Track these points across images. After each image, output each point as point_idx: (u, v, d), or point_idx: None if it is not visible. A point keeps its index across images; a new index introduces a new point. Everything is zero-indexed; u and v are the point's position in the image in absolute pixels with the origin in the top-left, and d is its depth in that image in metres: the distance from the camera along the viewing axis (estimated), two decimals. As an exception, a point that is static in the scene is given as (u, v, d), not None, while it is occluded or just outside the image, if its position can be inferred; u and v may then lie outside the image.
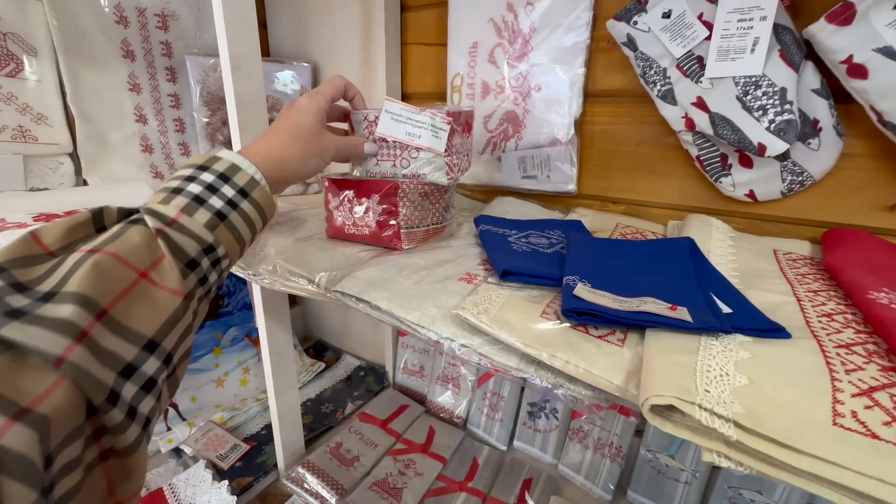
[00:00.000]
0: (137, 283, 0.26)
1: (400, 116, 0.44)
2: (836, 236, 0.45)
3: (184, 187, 0.32)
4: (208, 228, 0.31)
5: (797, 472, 0.22)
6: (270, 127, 0.41)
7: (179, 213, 0.30)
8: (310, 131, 0.41)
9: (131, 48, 0.69)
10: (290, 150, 0.39)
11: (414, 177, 0.45)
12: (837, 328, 0.30)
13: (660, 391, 0.24)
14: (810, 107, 0.45)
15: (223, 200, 0.33)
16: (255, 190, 0.35)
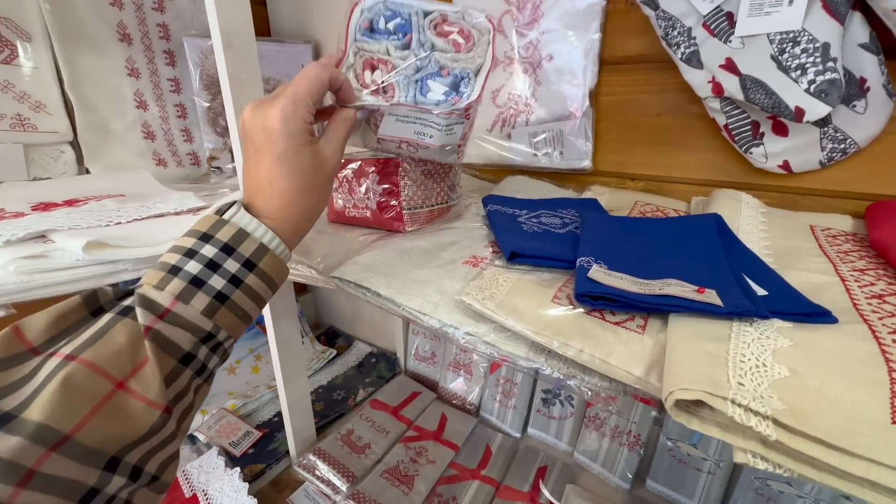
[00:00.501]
0: (112, 396, 0.24)
1: (407, 118, 0.37)
2: (884, 209, 0.41)
3: (182, 266, 0.28)
4: (207, 315, 0.28)
5: (849, 478, 0.19)
6: (257, 170, 0.33)
7: (174, 300, 0.27)
8: (312, 163, 0.33)
9: (127, 31, 0.68)
10: (306, 201, 0.33)
11: (423, 161, 0.42)
12: (891, 311, 0.27)
13: (686, 384, 0.22)
14: (857, 64, 0.40)
15: (225, 278, 0.29)
16: (265, 259, 0.31)
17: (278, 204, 0.32)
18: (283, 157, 0.32)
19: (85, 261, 0.40)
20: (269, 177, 0.32)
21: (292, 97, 0.31)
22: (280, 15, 0.84)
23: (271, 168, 0.32)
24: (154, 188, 0.59)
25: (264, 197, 0.32)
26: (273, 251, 0.31)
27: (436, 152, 0.39)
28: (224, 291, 0.29)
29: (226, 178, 0.75)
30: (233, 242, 0.30)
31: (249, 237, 0.30)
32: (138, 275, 0.45)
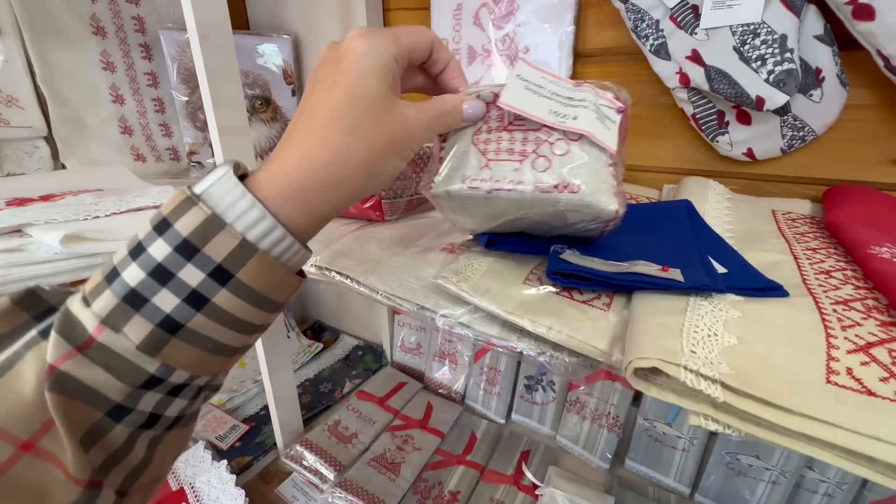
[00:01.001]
0: (13, 464, 0.17)
1: (542, 89, 0.26)
2: (838, 193, 0.43)
3: (123, 269, 0.20)
4: (147, 352, 0.19)
5: (788, 434, 0.21)
6: (301, 109, 0.24)
7: (100, 326, 0.19)
8: (378, 106, 0.23)
9: (101, 24, 0.67)
10: (346, 152, 0.22)
11: (558, 189, 0.26)
12: (836, 285, 0.29)
13: (643, 353, 0.23)
14: (812, 55, 0.42)
15: (179, 296, 0.20)
16: (249, 264, 0.20)
17: (301, 143, 0.22)
18: (342, 69, 0.23)
19: (63, 254, 0.40)
20: (309, 101, 0.23)
21: (388, 31, 0.24)
22: (258, 8, 0.84)
23: (316, 85, 0.23)
24: (132, 183, 0.59)
25: (291, 137, 0.23)
26: (264, 251, 0.21)
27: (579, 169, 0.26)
28: (175, 317, 0.20)
29: (206, 173, 0.75)
30: (197, 238, 0.20)
31: (224, 229, 0.20)
32: (118, 268, 0.45)
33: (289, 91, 0.80)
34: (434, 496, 0.62)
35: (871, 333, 0.23)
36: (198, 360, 0.21)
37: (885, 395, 0.20)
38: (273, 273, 0.21)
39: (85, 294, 0.20)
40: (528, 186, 0.26)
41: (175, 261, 0.20)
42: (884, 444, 0.19)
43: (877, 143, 0.43)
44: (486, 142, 0.28)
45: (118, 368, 0.19)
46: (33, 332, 0.20)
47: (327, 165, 0.22)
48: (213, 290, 0.20)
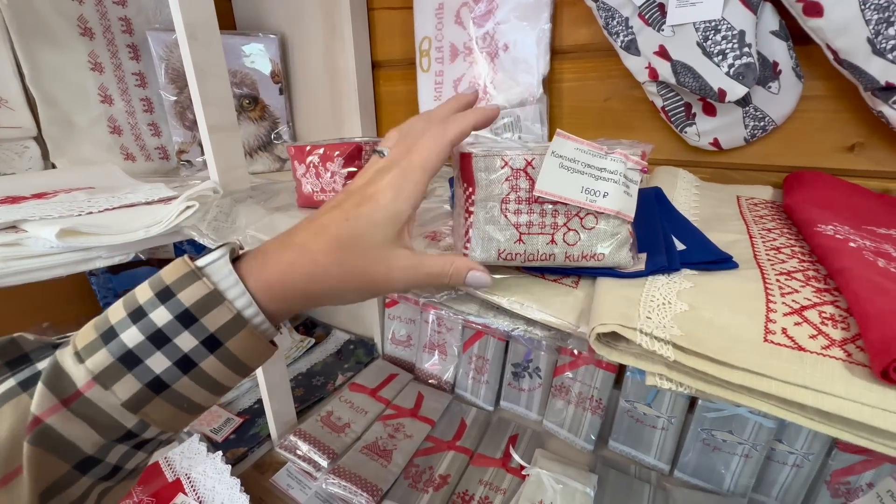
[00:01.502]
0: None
1: (574, 163, 0.27)
2: (796, 179, 0.46)
3: (120, 331, 0.21)
4: (130, 408, 0.21)
5: (731, 387, 0.23)
6: (318, 214, 0.26)
7: (90, 382, 0.21)
8: (372, 253, 0.26)
9: (89, 25, 0.67)
10: (325, 276, 0.25)
11: (584, 258, 0.29)
12: (783, 259, 0.31)
13: (604, 320, 0.25)
14: (769, 49, 0.45)
15: (171, 359, 0.22)
16: (238, 336, 0.23)
17: (292, 256, 0.25)
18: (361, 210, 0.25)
19: (59, 248, 0.41)
20: (321, 224, 0.25)
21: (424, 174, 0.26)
22: (244, 8, 0.85)
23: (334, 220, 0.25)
24: (123, 181, 0.60)
25: (282, 245, 0.25)
26: (251, 325, 0.24)
27: (603, 236, 0.28)
28: (164, 378, 0.22)
29: (196, 172, 0.76)
30: (197, 308, 0.22)
31: (223, 305, 0.23)
32: (111, 262, 0.47)
33: (276, 90, 0.81)
34: (425, 480, 0.64)
35: (805, 298, 0.26)
36: (172, 417, 0.23)
37: (813, 350, 0.23)
38: (256, 344, 0.24)
39: (77, 349, 0.22)
40: (558, 258, 0.29)
41: (174, 328, 0.22)
42: (811, 392, 0.21)
43: (832, 131, 0.46)
44: (517, 213, 0.28)
45: (99, 423, 0.21)
46: (12, 383, 0.21)
47: (306, 281, 0.25)
48: (201, 356, 0.23)
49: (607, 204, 0.27)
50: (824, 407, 0.21)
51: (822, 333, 0.23)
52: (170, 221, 0.47)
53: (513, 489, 0.62)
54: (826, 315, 0.24)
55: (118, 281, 0.78)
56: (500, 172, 0.28)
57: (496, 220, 0.28)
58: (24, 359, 0.23)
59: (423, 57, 0.68)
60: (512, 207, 0.28)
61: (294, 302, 0.25)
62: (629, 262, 0.29)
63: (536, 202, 0.28)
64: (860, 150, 0.45)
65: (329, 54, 0.76)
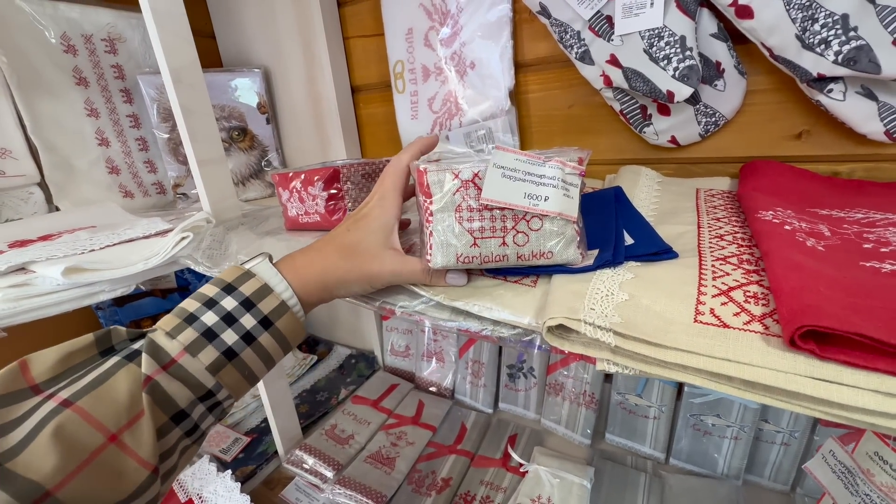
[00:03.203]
0: (103, 450, 0.24)
1: (515, 172, 0.30)
2: (750, 168, 0.48)
3: (200, 315, 0.29)
4: (211, 371, 0.28)
5: (667, 366, 0.26)
6: (333, 233, 0.36)
7: (182, 351, 0.28)
8: (368, 254, 0.34)
9: (83, 75, 0.72)
10: (333, 270, 0.34)
11: (535, 257, 0.32)
12: (723, 245, 0.34)
13: (552, 314, 0.28)
14: (711, 50, 0.48)
15: (238, 334, 0.29)
16: (283, 318, 0.31)
17: (314, 255, 0.34)
18: (358, 226, 0.35)
19: (65, 285, 0.45)
20: (329, 236, 0.35)
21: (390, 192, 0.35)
22: (228, 45, 0.89)
23: (338, 233, 0.35)
24: (122, 218, 0.64)
25: (313, 248, 0.35)
26: (291, 310, 0.31)
27: (550, 235, 0.31)
28: (234, 348, 0.29)
29: (192, 203, 0.80)
30: (254, 297, 0.30)
31: (272, 294, 0.31)
32: (115, 294, 0.50)
33: (263, 120, 0.85)
34: (428, 484, 0.66)
35: (734, 280, 0.28)
36: (237, 382, 0.30)
37: (736, 326, 0.25)
38: (294, 324, 0.32)
39: (167, 331, 0.28)
40: (511, 258, 0.33)
41: (238, 310, 0.30)
42: (733, 364, 0.24)
43: (780, 121, 0.49)
44: (470, 220, 0.31)
45: (190, 382, 0.28)
46: (118, 357, 0.27)
47: (322, 273, 0.34)
48: (259, 332, 0.30)
49: (548, 206, 0.30)
50: (745, 376, 0.23)
51: (745, 311, 0.26)
52: (166, 253, 0.50)
53: (513, 487, 0.64)
54: (750, 294, 0.27)
55: (123, 313, 0.82)
56: (451, 185, 0.31)
57: (452, 228, 0.31)
58: (121, 343, 0.29)
59: (397, 79, 0.72)
60: (465, 215, 0.31)
61: (316, 290, 0.34)
62: (577, 257, 0.32)
63: (486, 209, 0.31)
64: (807, 137, 0.48)
65: (311, 83, 0.80)
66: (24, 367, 0.25)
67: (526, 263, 0.33)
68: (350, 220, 0.36)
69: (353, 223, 0.35)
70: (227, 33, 0.89)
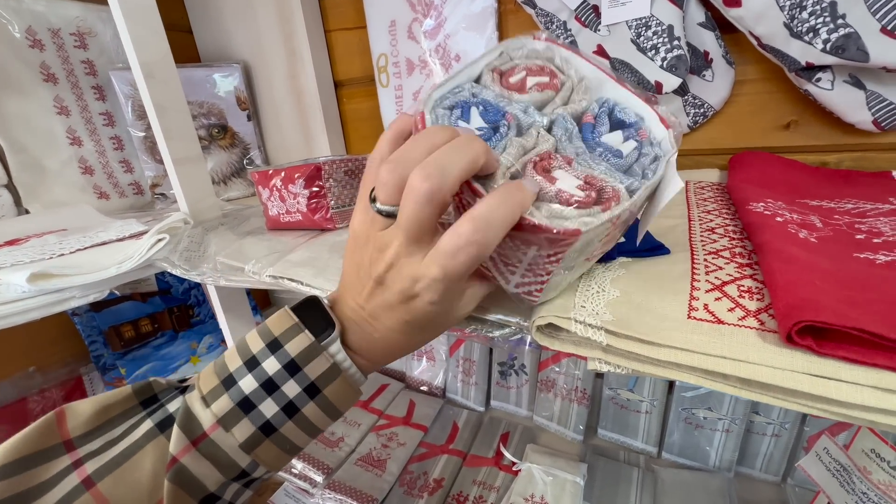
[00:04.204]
0: None
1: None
2: (739, 160, 0.48)
3: (238, 378, 0.25)
4: (245, 449, 0.24)
5: (661, 364, 0.25)
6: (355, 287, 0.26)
7: (215, 425, 0.24)
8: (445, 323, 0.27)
9: (52, 71, 0.69)
10: (409, 345, 0.27)
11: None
12: (715, 239, 0.33)
13: (542, 313, 0.27)
14: (699, 40, 0.47)
15: (279, 405, 0.24)
16: (334, 383, 0.26)
17: (381, 336, 0.26)
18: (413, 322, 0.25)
19: (31, 292, 0.42)
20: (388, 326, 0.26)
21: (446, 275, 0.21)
22: (206, 40, 0.86)
23: (395, 321, 0.25)
24: (95, 220, 0.61)
25: (361, 320, 0.26)
26: (345, 373, 0.26)
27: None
28: (273, 422, 0.25)
29: (171, 204, 0.77)
30: (301, 359, 0.25)
31: (322, 355, 0.25)
32: (87, 300, 0.48)
33: (244, 116, 0.83)
34: (420, 486, 0.65)
35: (728, 275, 0.28)
36: (276, 458, 0.26)
37: (731, 322, 0.24)
38: (346, 390, 0.27)
39: (203, 395, 0.25)
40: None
41: (282, 376, 0.25)
42: (729, 361, 0.23)
43: (768, 112, 0.49)
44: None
45: (221, 462, 0.24)
46: (150, 424, 0.25)
47: (389, 349, 0.27)
48: (303, 402, 0.25)
49: None
50: (742, 374, 0.23)
51: (739, 306, 0.25)
52: (141, 256, 0.48)
53: (506, 486, 0.63)
54: (744, 288, 0.26)
55: (102, 318, 0.79)
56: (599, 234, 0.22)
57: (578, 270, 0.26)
58: (155, 399, 0.26)
59: (381, 73, 0.70)
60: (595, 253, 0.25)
61: (380, 360, 0.28)
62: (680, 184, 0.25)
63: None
64: (795, 128, 0.48)
65: (292, 78, 0.78)
66: (61, 419, 0.24)
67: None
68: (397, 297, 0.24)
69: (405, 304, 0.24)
70: (205, 27, 0.86)
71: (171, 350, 0.83)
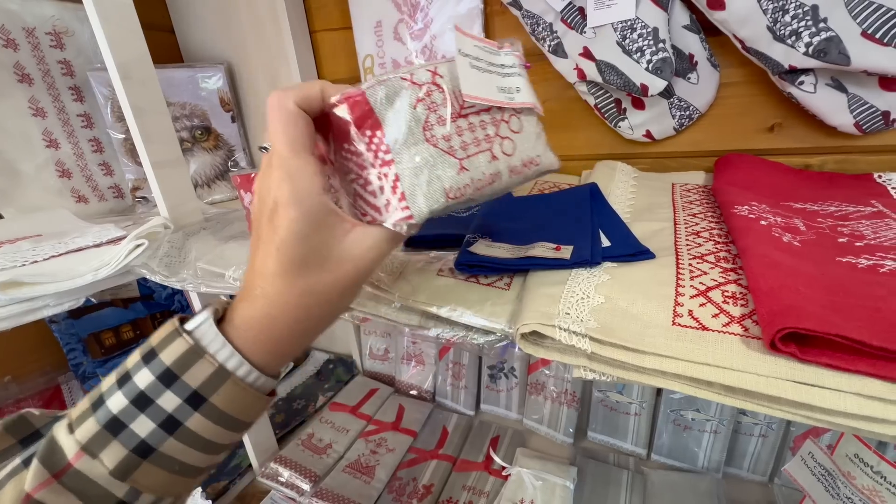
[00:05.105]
0: None
1: (479, 62, 0.24)
2: (724, 162, 0.48)
3: (108, 397, 0.22)
4: (118, 476, 0.21)
5: (646, 372, 0.25)
6: (252, 253, 0.24)
7: (78, 452, 0.21)
8: (326, 261, 0.23)
9: (26, 72, 0.67)
10: (304, 312, 0.24)
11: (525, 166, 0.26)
12: (700, 243, 0.33)
13: (526, 320, 0.26)
14: (684, 42, 0.47)
15: (155, 421, 0.21)
16: (222, 389, 0.22)
17: (264, 308, 0.23)
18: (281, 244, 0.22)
19: (2, 301, 0.41)
20: (258, 268, 0.23)
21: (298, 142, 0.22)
22: (190, 40, 0.85)
23: (266, 256, 0.23)
24: (72, 225, 0.59)
25: (250, 298, 0.23)
26: (238, 377, 0.23)
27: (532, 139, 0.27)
28: (150, 441, 0.21)
29: (152, 208, 0.75)
30: (177, 366, 0.22)
31: (203, 358, 0.22)
32: (61, 309, 0.46)
33: (228, 118, 0.81)
34: (409, 492, 0.64)
35: (712, 280, 0.27)
36: (164, 482, 0.23)
37: (715, 329, 0.24)
38: (244, 396, 0.23)
39: (71, 420, 0.22)
40: (504, 175, 0.25)
41: (156, 388, 0.22)
42: (713, 368, 0.23)
43: (752, 114, 0.49)
44: (447, 138, 0.23)
45: (89, 494, 0.21)
46: (17, 461, 0.22)
47: (289, 324, 0.24)
48: (186, 415, 0.22)
49: (524, 98, 0.25)
50: (726, 381, 0.22)
51: (724, 312, 0.25)
52: (118, 262, 0.46)
53: (496, 491, 0.63)
54: (728, 294, 0.26)
55: (81, 325, 0.77)
56: (408, 95, 0.22)
57: (428, 157, 0.23)
58: (36, 435, 0.23)
59: (367, 74, 0.69)
60: (439, 133, 0.23)
61: (285, 347, 0.24)
62: (555, 159, 0.28)
63: (462, 117, 0.24)
64: (779, 130, 0.48)
65: (276, 79, 0.76)
66: None
67: (517, 178, 0.26)
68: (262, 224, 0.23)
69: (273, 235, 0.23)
70: (187, 27, 0.84)
71: (153, 357, 0.81)
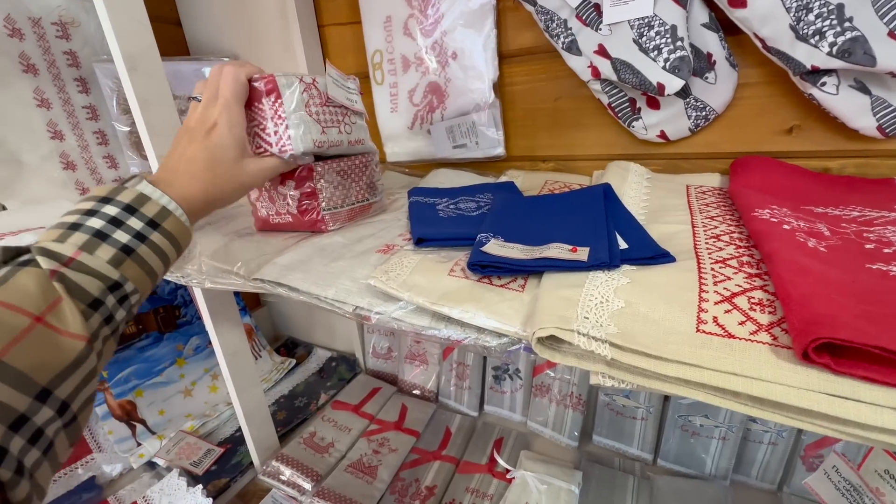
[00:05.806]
0: (32, 329, 0.24)
1: (338, 81, 0.45)
2: (740, 165, 0.47)
3: (83, 222, 0.29)
4: (113, 265, 0.29)
5: (668, 380, 0.24)
6: (183, 150, 0.37)
7: (78, 251, 0.28)
8: (229, 164, 0.38)
9: (31, 62, 0.66)
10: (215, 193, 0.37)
11: (356, 143, 0.47)
12: (721, 246, 0.32)
13: (543, 324, 0.26)
14: (702, 41, 0.46)
15: (129, 234, 0.30)
16: (167, 220, 0.33)
17: (185, 180, 0.36)
18: (208, 137, 0.37)
19: (2, 294, 0.40)
20: (190, 157, 0.36)
21: (229, 100, 0.38)
22: (196, 33, 0.84)
23: (197, 151, 0.36)
24: (76, 217, 0.59)
25: (173, 171, 0.36)
26: (174, 213, 0.33)
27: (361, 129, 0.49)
28: (130, 245, 0.30)
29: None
30: (135, 203, 0.31)
31: (151, 200, 0.32)
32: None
33: (234, 112, 0.80)
34: (411, 493, 0.64)
35: (737, 285, 0.26)
36: (140, 277, 0.31)
37: (742, 337, 0.23)
38: (181, 227, 0.34)
39: (52, 240, 0.28)
40: (344, 143, 0.46)
41: (123, 215, 0.31)
42: (741, 379, 0.22)
43: (770, 116, 0.48)
44: (317, 114, 0.43)
45: (96, 274, 0.28)
46: (8, 267, 0.26)
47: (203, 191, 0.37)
48: (149, 232, 0.32)
49: (359, 107, 0.48)
50: (754, 392, 0.21)
51: (751, 319, 0.24)
52: (122, 256, 0.45)
53: (499, 493, 0.62)
54: (755, 300, 0.25)
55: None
56: (299, 87, 0.42)
57: (304, 120, 0.42)
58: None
59: (376, 70, 0.68)
60: (313, 111, 0.42)
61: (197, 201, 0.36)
62: (372, 146, 0.51)
63: (325, 105, 0.44)
64: (798, 132, 0.47)
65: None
66: None
67: (354, 150, 0.48)
68: (198, 133, 0.37)
69: (205, 139, 0.37)
70: (194, 20, 0.83)
71: (156, 352, 0.81)
